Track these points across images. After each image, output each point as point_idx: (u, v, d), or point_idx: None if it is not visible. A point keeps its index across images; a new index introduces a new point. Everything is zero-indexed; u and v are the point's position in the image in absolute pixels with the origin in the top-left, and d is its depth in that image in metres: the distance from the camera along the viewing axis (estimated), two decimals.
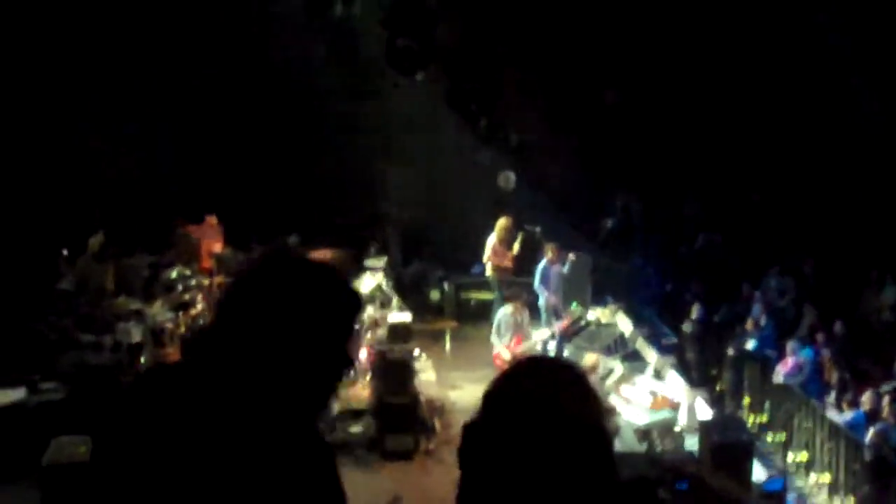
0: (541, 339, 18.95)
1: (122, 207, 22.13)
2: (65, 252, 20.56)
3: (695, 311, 20.95)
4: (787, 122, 23.76)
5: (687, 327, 20.95)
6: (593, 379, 16.15)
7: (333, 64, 23.98)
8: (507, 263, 21.00)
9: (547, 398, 2.72)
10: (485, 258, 21.05)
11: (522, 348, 18.08)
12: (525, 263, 21.38)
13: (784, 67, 23.38)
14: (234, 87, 23.76)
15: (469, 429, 2.77)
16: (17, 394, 15.66)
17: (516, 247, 20.98)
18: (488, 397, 2.82)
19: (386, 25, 20.36)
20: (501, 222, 21.00)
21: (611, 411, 15.91)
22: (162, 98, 23.34)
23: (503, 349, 18.05)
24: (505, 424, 2.72)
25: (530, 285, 20.45)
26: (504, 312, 18.56)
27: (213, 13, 22.63)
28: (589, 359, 17.83)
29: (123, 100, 23.01)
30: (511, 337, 18.25)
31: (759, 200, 24.92)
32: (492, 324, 19.06)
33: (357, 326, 17.42)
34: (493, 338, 18.47)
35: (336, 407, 16.41)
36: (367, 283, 20.03)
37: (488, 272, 21.17)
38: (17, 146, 21.28)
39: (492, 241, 20.90)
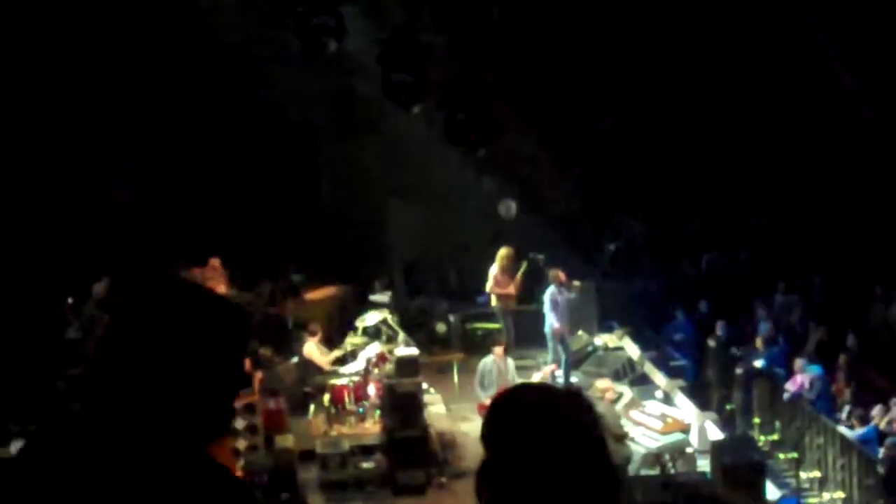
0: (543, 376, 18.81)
1: (126, 252, 22.13)
2: (70, 300, 20.55)
3: (719, 328, 20.95)
4: (789, 139, 23.78)
5: (711, 343, 20.95)
6: (604, 404, 16.12)
7: (331, 100, 24.06)
8: (511, 291, 20.87)
9: (548, 411, 2.76)
10: (487, 288, 20.92)
11: None
12: (530, 291, 21.36)
13: (787, 86, 23.41)
14: (233, 128, 23.78)
15: (483, 468, 2.81)
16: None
17: (519, 275, 20.84)
18: (487, 429, 2.87)
19: (381, 61, 20.40)
20: (502, 251, 20.85)
21: (622, 436, 15.88)
22: (161, 142, 23.41)
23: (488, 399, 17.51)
24: (510, 451, 2.75)
25: (535, 313, 20.39)
26: (486, 362, 18.22)
27: (208, 53, 22.64)
28: (599, 384, 17.80)
29: (121, 144, 23.09)
30: (496, 387, 17.43)
31: (761, 223, 24.96)
32: None
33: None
34: (477, 390, 18.06)
35: (346, 443, 16.43)
36: (373, 317, 20.02)
37: (493, 302, 21.05)
38: (18, 193, 21.31)
39: (493, 271, 20.77)
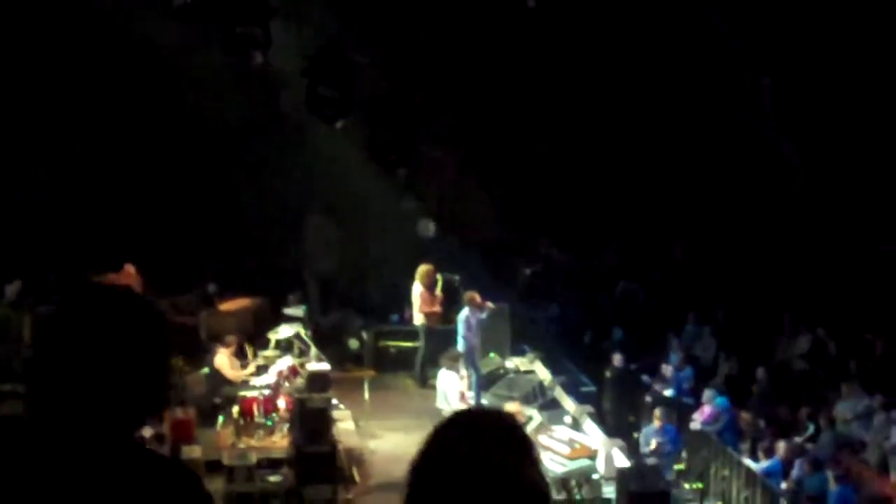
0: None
1: (40, 256, 21.91)
2: None
3: (616, 359, 21.06)
4: (702, 173, 24.10)
5: (608, 374, 21.05)
6: None
7: (254, 111, 23.92)
8: (437, 309, 20.96)
9: (482, 456, 2.67)
10: (416, 308, 20.97)
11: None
12: (446, 311, 21.36)
13: (705, 124, 23.74)
14: (153, 135, 23.63)
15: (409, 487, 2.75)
16: None
17: (438, 289, 20.91)
18: (423, 457, 2.79)
19: (307, 74, 20.37)
20: (422, 269, 20.88)
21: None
22: (77, 146, 23.19)
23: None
24: (441, 485, 2.68)
25: (451, 332, 20.41)
26: (444, 379, 18.70)
27: (131, 58, 22.46)
28: (509, 407, 17.83)
29: (37, 148, 22.87)
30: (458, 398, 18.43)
31: (678, 253, 25.27)
32: (413, 373, 19.63)
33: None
34: (441, 403, 18.54)
35: (254, 456, 16.31)
36: (285, 331, 19.89)
37: (419, 321, 21.06)
38: None
39: (418, 289, 20.81)
